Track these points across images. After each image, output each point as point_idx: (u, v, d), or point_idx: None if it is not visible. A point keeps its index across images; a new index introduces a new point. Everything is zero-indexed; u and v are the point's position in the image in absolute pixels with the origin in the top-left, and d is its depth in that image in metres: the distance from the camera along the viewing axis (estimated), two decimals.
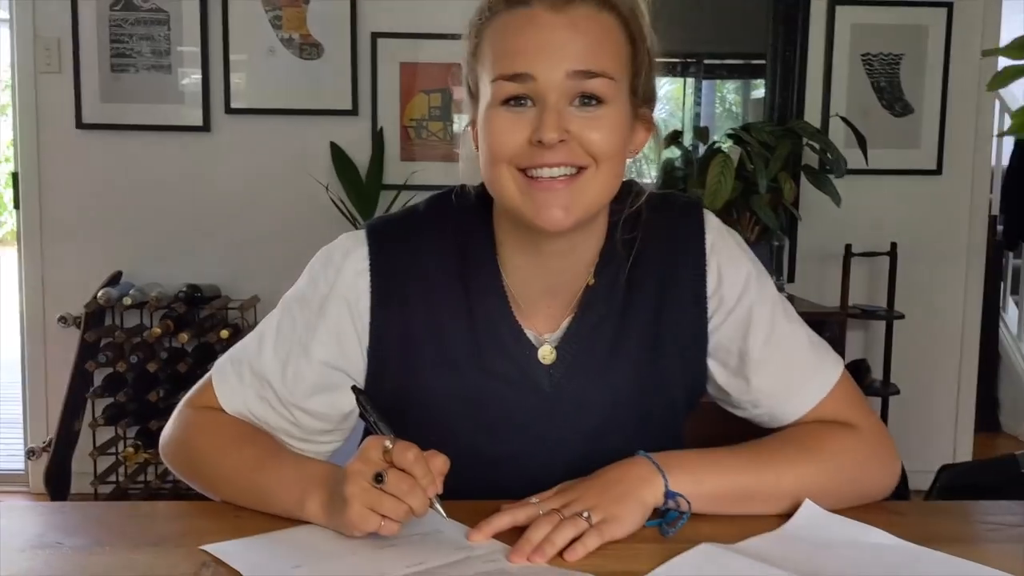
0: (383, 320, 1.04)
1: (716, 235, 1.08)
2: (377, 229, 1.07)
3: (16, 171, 3.31)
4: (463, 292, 1.04)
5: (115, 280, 3.18)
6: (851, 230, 3.35)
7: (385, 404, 0.98)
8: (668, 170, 3.18)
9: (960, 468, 1.44)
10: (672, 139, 3.21)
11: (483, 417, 1.05)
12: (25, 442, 3.42)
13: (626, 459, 0.97)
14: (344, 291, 1.04)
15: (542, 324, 1.06)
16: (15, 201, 3.33)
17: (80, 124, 3.24)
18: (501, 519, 0.90)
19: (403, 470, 0.85)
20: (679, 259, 1.06)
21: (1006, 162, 4.52)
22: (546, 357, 1.05)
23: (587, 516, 0.89)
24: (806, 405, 1.06)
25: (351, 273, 1.04)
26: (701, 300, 1.07)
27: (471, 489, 0.96)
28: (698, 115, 5.45)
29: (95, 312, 3.02)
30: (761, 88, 3.69)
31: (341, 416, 1.06)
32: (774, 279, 3.12)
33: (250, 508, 0.97)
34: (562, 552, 0.85)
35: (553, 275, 1.04)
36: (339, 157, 3.25)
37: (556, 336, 1.06)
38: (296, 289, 1.08)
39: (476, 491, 0.97)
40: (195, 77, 3.25)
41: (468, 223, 1.06)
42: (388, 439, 0.87)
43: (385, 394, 1.03)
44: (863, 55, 3.39)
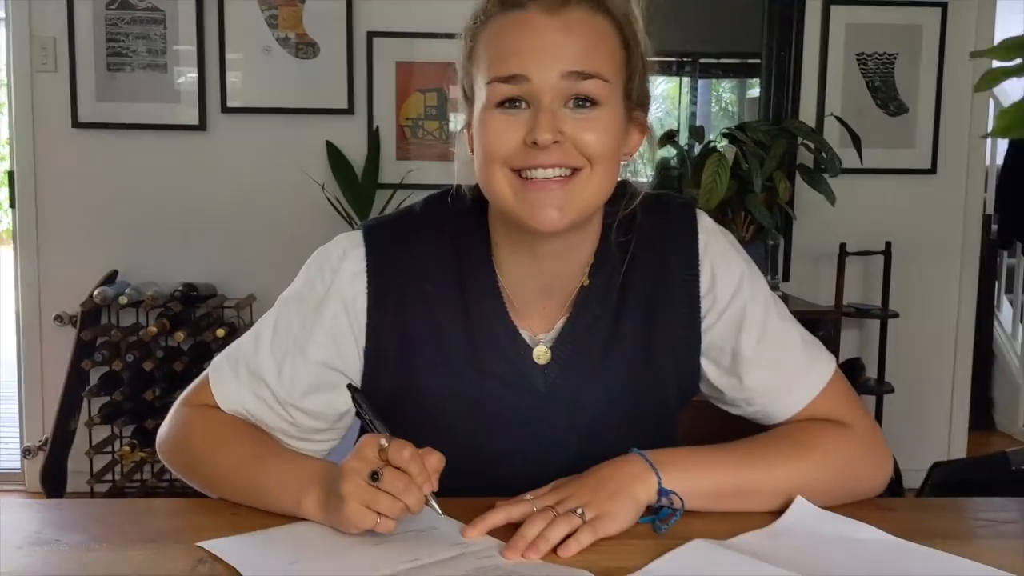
0: (380, 321, 1.04)
1: (709, 235, 1.08)
2: (374, 230, 1.07)
3: (12, 170, 3.31)
4: (459, 293, 1.05)
5: (111, 279, 3.18)
6: (846, 229, 3.35)
7: (382, 404, 0.98)
8: (663, 169, 3.19)
9: (952, 465, 1.45)
10: (668, 138, 3.22)
11: (479, 417, 1.05)
12: (21, 441, 3.42)
13: (620, 456, 0.97)
14: (341, 292, 1.04)
15: (537, 324, 1.07)
16: (11, 200, 3.33)
17: (76, 123, 3.24)
18: (496, 516, 0.90)
19: (399, 468, 0.86)
20: (673, 259, 1.07)
21: (1000, 161, 4.53)
22: (541, 357, 1.05)
23: (581, 513, 0.89)
24: (799, 403, 1.07)
25: (348, 274, 1.04)
26: (695, 300, 1.07)
27: (467, 487, 0.97)
28: (694, 114, 5.45)
29: (91, 311, 3.02)
30: (757, 87, 3.69)
31: (337, 415, 1.07)
32: (769, 278, 3.15)
33: (247, 505, 0.98)
34: (556, 548, 0.86)
35: (548, 276, 1.05)
36: (335, 156, 3.24)
37: (551, 336, 1.06)
38: (293, 289, 1.08)
39: (472, 489, 0.98)
40: (191, 76, 3.25)
41: (464, 225, 1.06)
42: (384, 437, 0.87)
43: (382, 394, 1.04)
44: (858, 55, 3.40)
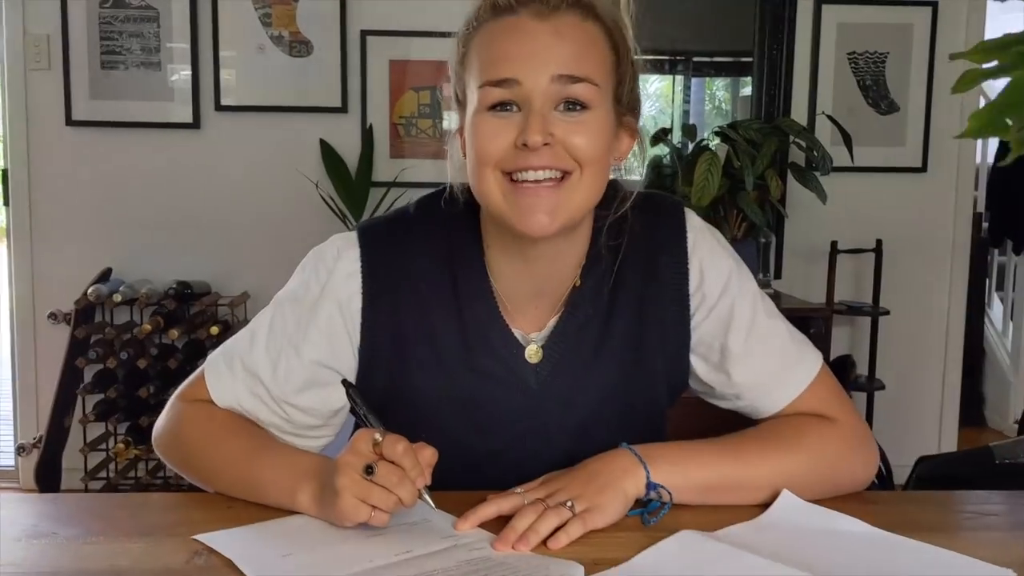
0: (374, 321, 1.05)
1: (697, 234, 1.09)
2: (368, 231, 1.08)
3: (5, 168, 3.31)
4: (452, 294, 1.05)
5: (105, 277, 3.18)
6: (837, 227, 3.37)
7: (376, 402, 0.99)
8: (656, 167, 3.21)
9: (937, 459, 1.46)
10: (660, 136, 3.23)
11: (472, 415, 1.06)
12: (15, 438, 3.42)
13: (609, 451, 0.98)
14: (335, 292, 1.05)
15: (529, 324, 1.08)
16: (4, 198, 3.32)
17: (70, 121, 3.24)
18: (487, 508, 0.91)
19: (393, 462, 0.86)
20: (662, 258, 1.08)
21: (991, 159, 4.55)
22: (533, 356, 1.06)
23: (571, 506, 0.90)
24: (786, 398, 1.08)
25: (343, 274, 1.05)
26: (684, 298, 1.08)
27: (460, 482, 0.98)
28: (687, 112, 5.47)
29: (85, 309, 3.02)
30: (750, 86, 3.71)
31: (332, 412, 1.07)
32: (760, 276, 3.17)
33: (242, 499, 0.98)
34: (546, 540, 0.87)
35: (539, 278, 1.06)
36: (329, 154, 3.25)
37: (543, 335, 1.07)
38: (288, 289, 1.09)
39: (465, 484, 0.99)
40: (185, 74, 3.25)
41: (456, 226, 1.07)
42: (378, 432, 0.88)
43: (376, 392, 1.05)
44: (849, 54, 3.41)
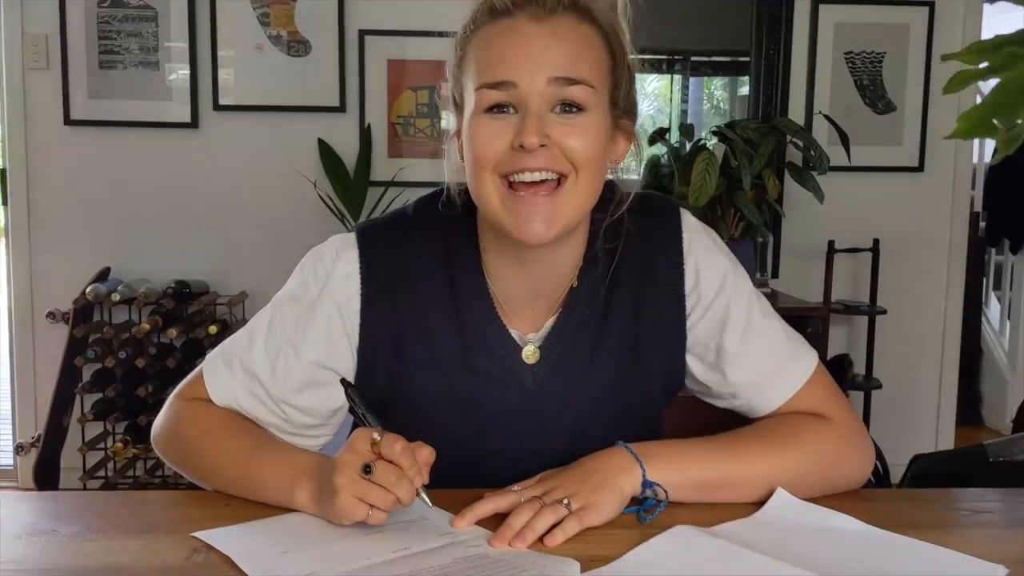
0: (373, 322, 1.05)
1: (693, 234, 1.10)
2: (367, 232, 1.08)
3: (4, 167, 3.31)
4: (450, 295, 1.06)
5: (103, 276, 3.18)
6: (834, 226, 3.37)
7: (375, 402, 0.99)
8: (654, 167, 3.21)
9: (932, 457, 1.47)
10: (658, 136, 3.24)
11: (470, 415, 1.07)
12: (14, 438, 3.42)
13: (606, 449, 0.99)
14: (334, 293, 1.05)
15: (526, 324, 1.08)
16: (3, 197, 3.32)
17: (68, 120, 3.24)
18: (484, 506, 0.92)
19: (390, 461, 0.87)
20: (658, 259, 1.08)
21: (988, 159, 4.56)
22: (530, 357, 1.07)
23: (567, 503, 0.91)
24: (782, 397, 1.09)
25: (341, 276, 1.05)
26: (680, 298, 1.09)
27: (457, 482, 0.98)
28: (685, 112, 5.47)
29: (83, 308, 3.02)
30: (747, 85, 3.71)
31: (330, 411, 1.08)
32: (758, 275, 3.17)
33: (241, 497, 0.99)
34: (542, 538, 0.88)
35: (536, 280, 1.06)
36: (327, 154, 3.25)
37: (540, 336, 1.08)
38: (286, 289, 1.09)
39: (462, 484, 0.99)
40: (183, 74, 3.26)
41: (454, 228, 1.08)
42: (376, 431, 0.89)
43: (374, 392, 1.05)
44: (846, 53, 3.42)
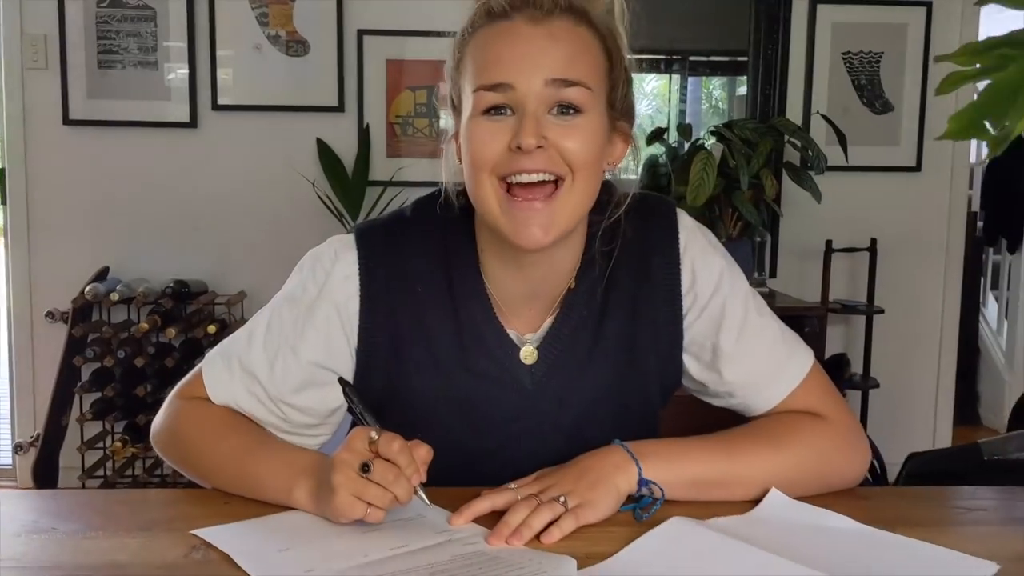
0: (371, 323, 1.06)
1: (689, 234, 1.10)
2: (366, 233, 1.09)
3: (3, 167, 3.31)
4: (448, 296, 1.06)
5: (102, 275, 3.18)
6: (832, 226, 3.38)
7: (373, 402, 1.00)
8: (652, 167, 3.22)
9: (927, 456, 1.48)
10: (656, 136, 3.25)
11: (468, 415, 1.07)
12: (13, 437, 3.42)
13: (602, 447, 0.99)
14: (333, 294, 1.06)
15: (524, 325, 1.09)
16: (2, 197, 3.33)
17: (67, 120, 3.24)
18: (481, 504, 0.93)
19: (388, 460, 0.88)
20: (654, 259, 1.09)
21: (985, 158, 4.57)
22: (528, 358, 1.07)
23: (563, 501, 0.91)
24: (778, 396, 1.09)
25: (340, 277, 1.06)
26: (676, 298, 1.09)
27: (455, 481, 0.99)
28: (683, 112, 5.48)
29: (82, 307, 3.03)
30: (746, 85, 3.72)
31: (328, 411, 1.08)
32: (756, 275, 3.18)
33: (239, 495, 0.99)
34: (539, 535, 0.88)
35: (533, 282, 1.07)
36: (325, 153, 3.26)
37: (537, 336, 1.08)
38: (285, 290, 1.10)
39: (460, 483, 1.00)
40: (182, 73, 3.26)
41: (452, 229, 1.08)
42: (374, 430, 0.89)
43: (373, 392, 1.06)
44: (844, 53, 3.42)
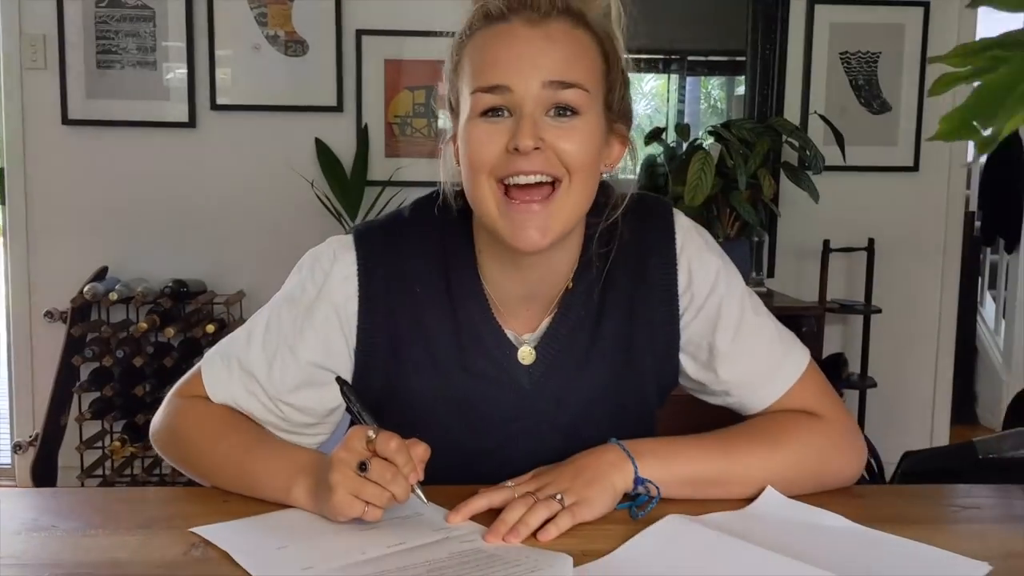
0: (370, 323, 1.06)
1: (685, 234, 1.10)
2: (364, 234, 1.09)
3: (2, 167, 3.32)
4: (447, 296, 1.07)
5: (101, 275, 3.19)
6: (829, 226, 3.39)
7: (372, 402, 1.01)
8: (650, 166, 3.23)
9: (922, 454, 1.49)
10: (654, 136, 3.25)
11: (466, 414, 1.08)
12: (11, 436, 3.43)
13: (599, 446, 1.00)
14: (332, 295, 1.06)
15: (522, 325, 1.09)
16: (1, 197, 3.33)
17: (66, 120, 3.25)
18: (478, 501, 0.93)
19: (386, 459, 0.88)
20: (651, 260, 1.09)
21: (983, 158, 4.57)
22: (525, 358, 1.08)
23: (560, 499, 0.92)
24: (774, 395, 1.09)
25: (339, 278, 1.06)
26: (673, 298, 1.09)
27: (453, 480, 1.00)
28: (682, 112, 5.48)
29: (81, 307, 3.03)
30: (744, 85, 3.72)
31: (327, 411, 1.09)
32: (753, 274, 3.18)
33: (238, 494, 1.00)
34: (536, 532, 0.89)
35: (531, 283, 1.07)
36: (324, 153, 3.26)
37: (535, 337, 1.09)
38: (284, 290, 1.10)
39: (458, 481, 1.00)
40: (180, 73, 3.26)
41: (450, 231, 1.08)
42: (372, 429, 0.90)
43: (372, 392, 1.06)
44: (841, 53, 3.43)
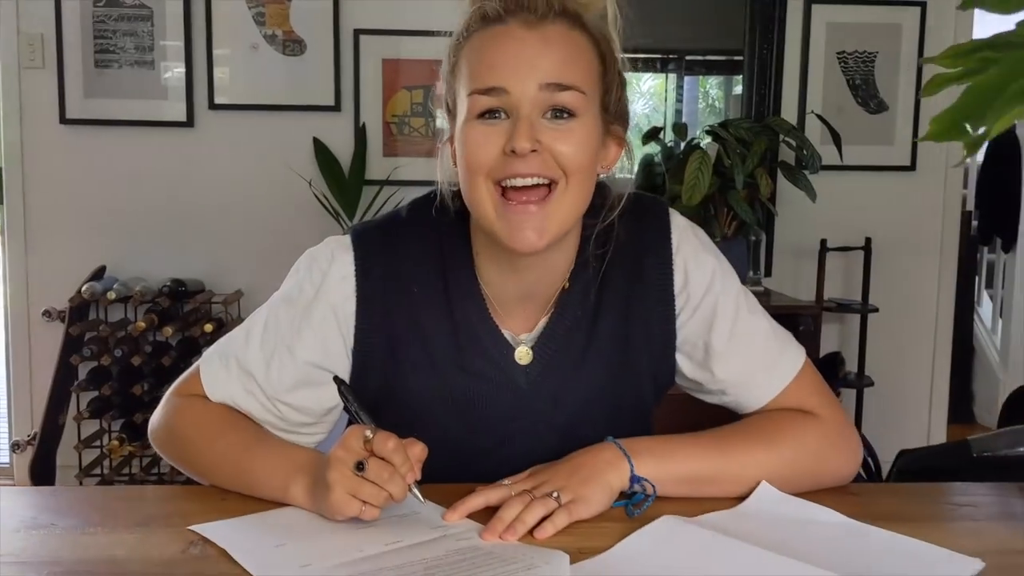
0: (368, 324, 1.07)
1: (681, 234, 1.11)
2: (362, 235, 1.09)
3: (0, 166, 3.32)
4: (444, 296, 1.07)
5: (99, 274, 3.19)
6: (826, 225, 3.39)
7: (370, 401, 1.01)
8: (648, 166, 3.23)
9: (917, 453, 1.50)
10: (652, 135, 3.26)
11: (464, 414, 1.08)
12: (10, 435, 3.43)
13: (595, 444, 1.00)
14: (329, 295, 1.06)
15: (519, 325, 1.09)
16: None
17: (64, 119, 3.25)
18: (475, 500, 0.94)
19: (383, 458, 0.88)
20: (647, 260, 1.10)
21: (980, 158, 4.58)
22: (523, 357, 1.08)
23: (557, 496, 0.92)
24: (769, 394, 1.10)
25: (337, 278, 1.07)
26: (669, 298, 1.10)
27: (451, 479, 1.00)
28: (680, 111, 5.49)
29: (79, 306, 3.03)
30: (741, 84, 3.73)
31: (324, 410, 1.09)
32: (751, 274, 3.19)
33: (236, 492, 1.00)
34: (532, 530, 0.89)
35: (528, 284, 1.08)
36: (322, 153, 3.26)
37: (532, 336, 1.09)
38: (282, 290, 1.10)
39: (455, 480, 1.01)
40: (178, 72, 3.26)
41: (447, 231, 1.09)
42: (369, 428, 0.90)
43: (370, 392, 1.07)
44: (838, 53, 3.43)
